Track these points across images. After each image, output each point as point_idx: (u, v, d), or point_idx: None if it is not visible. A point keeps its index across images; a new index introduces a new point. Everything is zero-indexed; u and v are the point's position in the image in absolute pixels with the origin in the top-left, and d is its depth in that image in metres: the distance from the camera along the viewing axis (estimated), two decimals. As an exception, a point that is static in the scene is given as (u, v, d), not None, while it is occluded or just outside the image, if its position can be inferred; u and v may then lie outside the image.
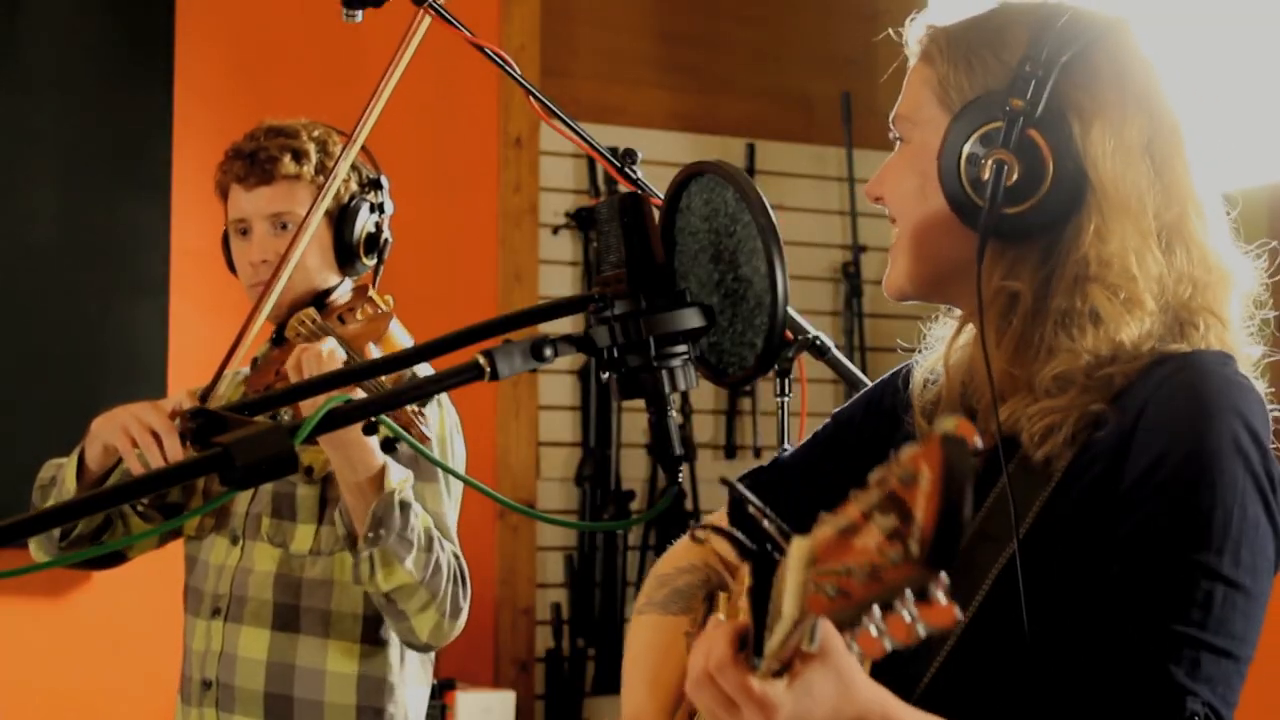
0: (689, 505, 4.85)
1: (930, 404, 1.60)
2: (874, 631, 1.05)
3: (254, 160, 2.53)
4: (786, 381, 2.39)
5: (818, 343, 2.35)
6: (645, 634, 1.70)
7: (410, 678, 2.53)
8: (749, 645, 1.24)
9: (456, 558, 2.41)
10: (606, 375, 1.31)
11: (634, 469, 4.86)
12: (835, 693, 1.23)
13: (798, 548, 1.11)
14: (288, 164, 2.52)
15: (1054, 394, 1.43)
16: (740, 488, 1.32)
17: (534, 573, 4.73)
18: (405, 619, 2.36)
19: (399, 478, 2.31)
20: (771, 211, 1.26)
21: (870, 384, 1.80)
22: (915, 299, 1.59)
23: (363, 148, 2.50)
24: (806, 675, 1.22)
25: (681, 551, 1.76)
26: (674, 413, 1.31)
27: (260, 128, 2.58)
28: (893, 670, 1.30)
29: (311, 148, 2.54)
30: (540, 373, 4.73)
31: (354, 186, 2.56)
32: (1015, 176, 1.43)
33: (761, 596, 1.23)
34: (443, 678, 4.18)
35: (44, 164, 4.04)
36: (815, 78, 5.16)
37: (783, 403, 2.40)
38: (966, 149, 1.46)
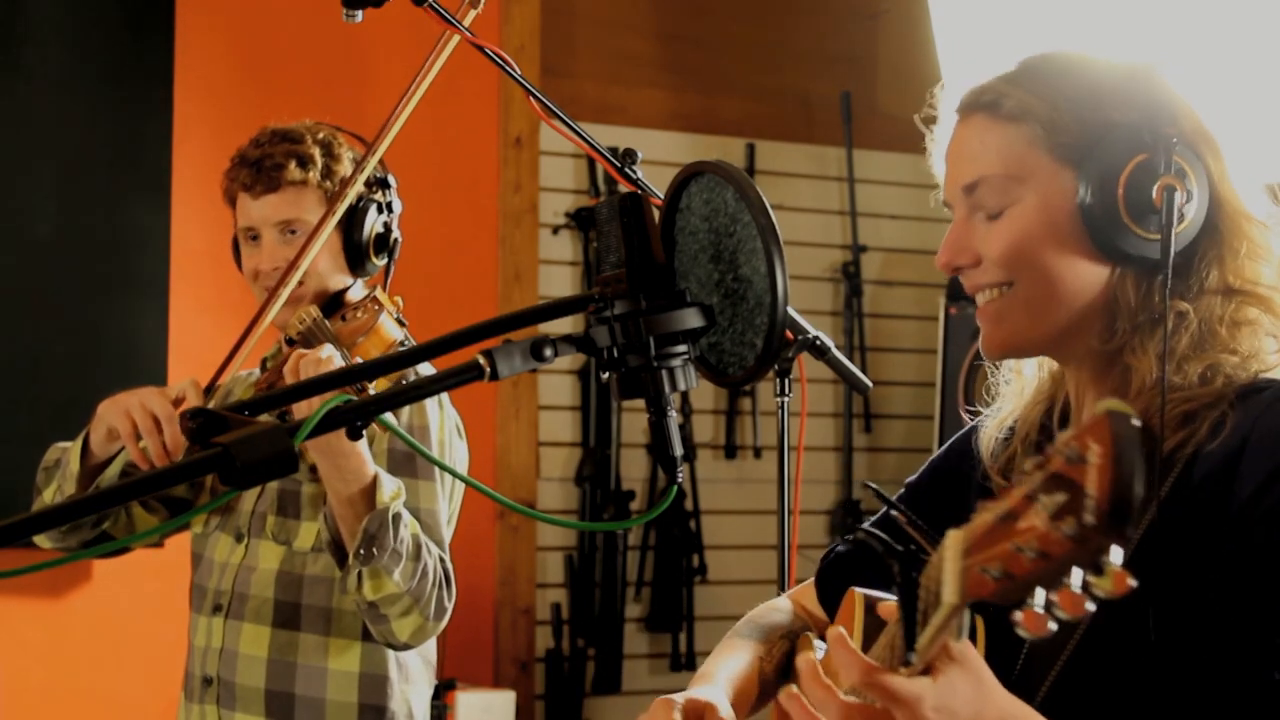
0: (689, 505, 4.85)
1: (1008, 459, 1.64)
2: (1040, 608, 1.07)
3: (260, 168, 2.52)
4: (786, 381, 2.39)
5: (818, 343, 2.35)
6: (725, 649, 1.78)
7: (412, 676, 2.53)
8: (898, 644, 1.26)
9: (442, 560, 2.41)
10: (606, 375, 1.31)
11: (634, 469, 4.86)
12: (977, 695, 1.26)
13: (954, 538, 1.15)
14: (293, 170, 2.51)
15: (1196, 386, 1.48)
16: (882, 492, 1.38)
17: (534, 573, 4.73)
18: (386, 622, 2.37)
19: (390, 490, 2.31)
20: (771, 211, 1.26)
21: (942, 446, 1.83)
22: (1025, 356, 1.63)
23: (367, 145, 2.50)
24: (949, 673, 1.25)
25: (776, 600, 1.87)
26: (674, 413, 1.31)
27: (264, 132, 2.57)
28: (1010, 676, 1.32)
29: (317, 151, 2.53)
30: (540, 373, 4.73)
31: (361, 187, 2.56)
32: (1186, 199, 1.48)
33: (910, 596, 1.25)
34: (443, 678, 4.18)
35: (44, 164, 4.04)
36: (815, 78, 5.16)
37: (783, 403, 2.40)
38: (1124, 180, 1.48)
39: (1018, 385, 1.69)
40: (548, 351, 1.26)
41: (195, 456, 1.14)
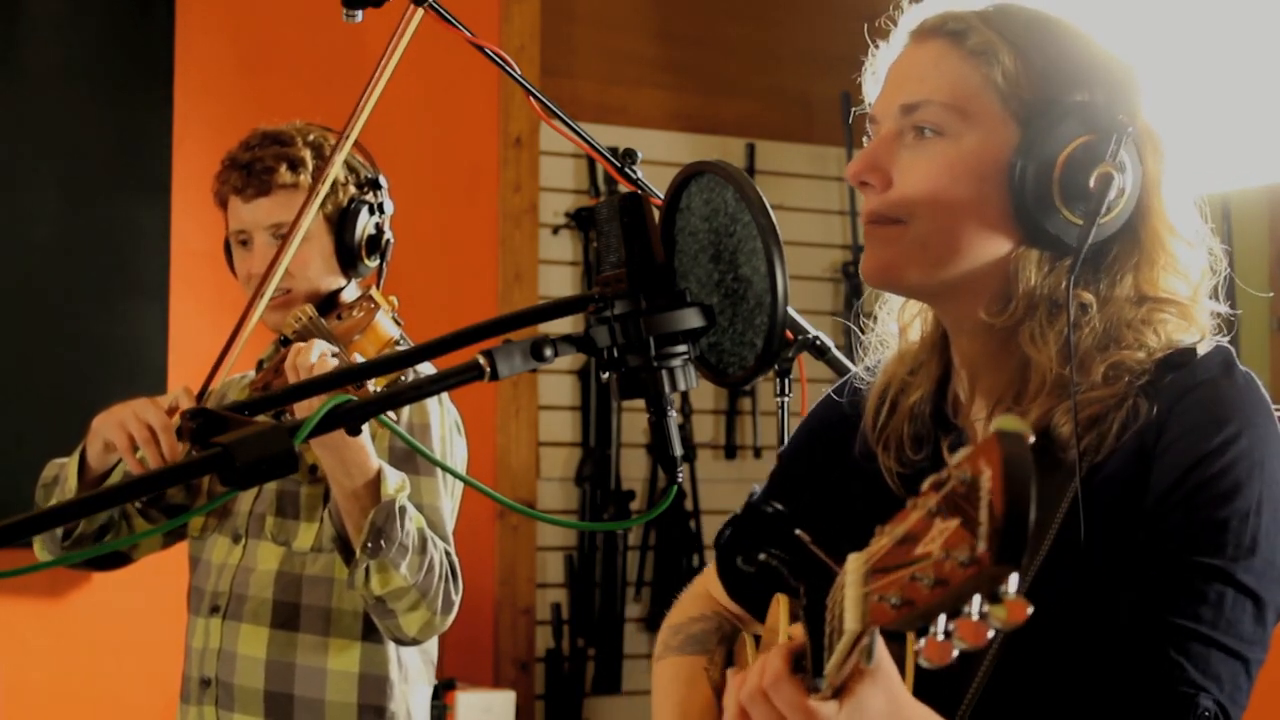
0: (689, 505, 4.85)
1: (888, 437, 1.59)
2: (941, 636, 1.03)
3: (250, 171, 2.51)
4: (786, 381, 2.39)
5: (818, 343, 2.35)
6: (668, 671, 1.76)
7: (412, 676, 2.53)
8: (807, 666, 1.24)
9: (448, 554, 2.42)
10: (606, 375, 1.31)
11: (634, 469, 4.86)
12: (886, 710, 1.24)
13: (854, 563, 1.12)
14: (284, 174, 2.51)
15: (1100, 386, 1.44)
16: (783, 512, 1.35)
17: (534, 573, 4.73)
18: (393, 617, 2.37)
19: (395, 483, 2.31)
20: (771, 211, 1.26)
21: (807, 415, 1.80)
22: (907, 295, 1.58)
23: (360, 147, 2.50)
24: (859, 693, 1.23)
25: (690, 602, 1.82)
26: (674, 413, 1.31)
27: (255, 135, 2.56)
28: (933, 691, 1.32)
29: (307, 154, 2.53)
30: (540, 373, 4.74)
31: (352, 189, 2.55)
32: (1122, 192, 1.44)
33: (816, 619, 1.22)
34: (443, 678, 4.18)
35: (44, 164, 4.04)
36: (815, 78, 5.16)
37: (783, 403, 2.40)
38: (1066, 155, 1.44)
39: (898, 353, 1.63)
40: (548, 351, 1.26)
41: (195, 457, 1.14)
